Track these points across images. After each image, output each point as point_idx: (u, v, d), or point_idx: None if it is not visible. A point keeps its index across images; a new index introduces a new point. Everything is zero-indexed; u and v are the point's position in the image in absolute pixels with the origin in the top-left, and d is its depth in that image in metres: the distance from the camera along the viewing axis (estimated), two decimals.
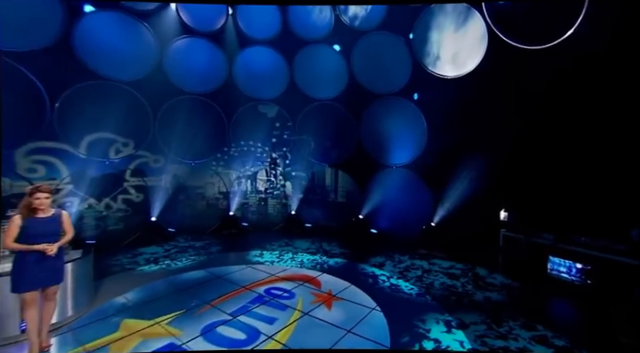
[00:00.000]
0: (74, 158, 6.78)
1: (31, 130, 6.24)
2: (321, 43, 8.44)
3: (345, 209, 8.89)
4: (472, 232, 6.68)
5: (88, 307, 4.31)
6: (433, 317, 4.28)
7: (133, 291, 4.88)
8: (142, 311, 4.27)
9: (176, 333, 3.77)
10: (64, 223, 3.49)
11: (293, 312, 4.30)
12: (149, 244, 7.36)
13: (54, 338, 3.61)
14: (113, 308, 4.38)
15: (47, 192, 3.34)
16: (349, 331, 3.88)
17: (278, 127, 9.08)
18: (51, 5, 6.14)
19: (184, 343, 3.58)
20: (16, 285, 3.20)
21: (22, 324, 3.56)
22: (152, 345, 3.53)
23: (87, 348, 3.47)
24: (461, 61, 7.27)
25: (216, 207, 8.92)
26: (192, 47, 7.88)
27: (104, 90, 6.96)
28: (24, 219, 3.24)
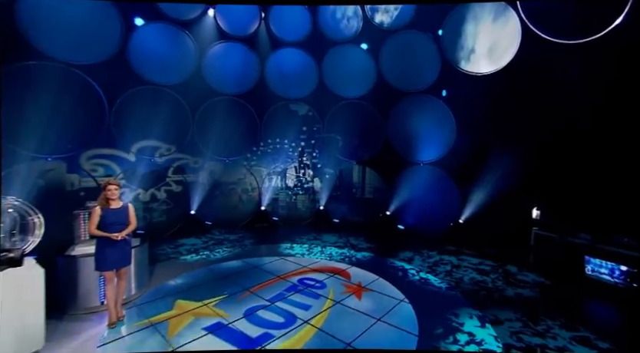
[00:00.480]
0: (125, 160, 7.55)
1: (95, 133, 7.00)
2: (350, 43, 8.64)
3: (372, 206, 9.11)
4: (502, 230, 6.68)
5: (146, 288, 4.91)
6: (466, 311, 4.40)
7: (181, 277, 5.44)
8: (191, 294, 4.78)
9: (222, 314, 4.23)
10: (129, 214, 4.04)
11: (326, 301, 4.64)
12: (188, 236, 8.00)
13: (125, 311, 4.18)
14: (167, 290, 4.94)
15: (116, 184, 3.91)
16: (379, 319, 4.16)
17: (308, 125, 9.42)
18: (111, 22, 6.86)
19: (230, 323, 4.02)
20: (98, 265, 3.80)
21: (102, 297, 4.19)
22: (203, 323, 4.00)
23: (151, 321, 4.01)
24: (493, 57, 7.21)
25: (249, 202, 9.45)
26: (228, 52, 8.38)
27: (152, 94, 7.62)
28: (102, 209, 3.80)
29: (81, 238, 4.55)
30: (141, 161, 7.78)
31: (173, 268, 5.89)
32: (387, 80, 8.48)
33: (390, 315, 4.28)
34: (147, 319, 4.08)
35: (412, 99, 8.33)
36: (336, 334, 3.80)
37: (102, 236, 3.79)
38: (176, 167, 8.47)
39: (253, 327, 3.95)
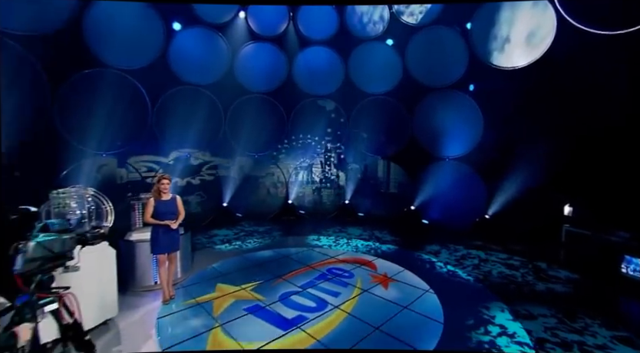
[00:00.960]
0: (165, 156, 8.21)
1: (139, 132, 7.64)
2: (376, 40, 8.74)
3: (397, 200, 9.26)
4: (530, 226, 6.65)
5: (190, 272, 5.43)
6: (497, 305, 4.49)
7: (218, 264, 5.93)
8: (229, 279, 5.24)
9: (260, 298, 4.64)
10: (178, 205, 4.51)
11: (354, 289, 4.94)
12: (220, 227, 8.54)
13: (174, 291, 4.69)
14: (207, 274, 5.44)
15: (168, 178, 4.38)
16: (405, 307, 4.40)
17: (334, 121, 9.67)
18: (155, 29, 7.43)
19: (267, 305, 4.42)
20: (152, 249, 4.31)
21: (155, 277, 4.74)
22: (243, 305, 4.43)
23: (198, 301, 4.49)
24: (525, 50, 7.09)
25: (276, 196, 9.89)
26: (258, 51, 8.75)
27: (188, 94, 8.17)
28: (155, 200, 4.29)
29: (136, 225, 5.12)
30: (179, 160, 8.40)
31: (210, 255, 6.40)
32: (413, 76, 8.53)
33: (416, 303, 4.51)
34: (194, 299, 4.57)
35: (438, 94, 8.35)
36: (365, 319, 4.10)
37: (156, 224, 4.29)
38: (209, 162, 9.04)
39: (288, 310, 4.32)
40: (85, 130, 6.71)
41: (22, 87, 5.34)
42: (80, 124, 6.63)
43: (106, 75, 6.82)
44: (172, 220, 4.36)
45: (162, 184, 4.30)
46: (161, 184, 4.30)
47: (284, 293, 4.78)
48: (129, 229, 5.08)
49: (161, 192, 4.34)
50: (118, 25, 6.67)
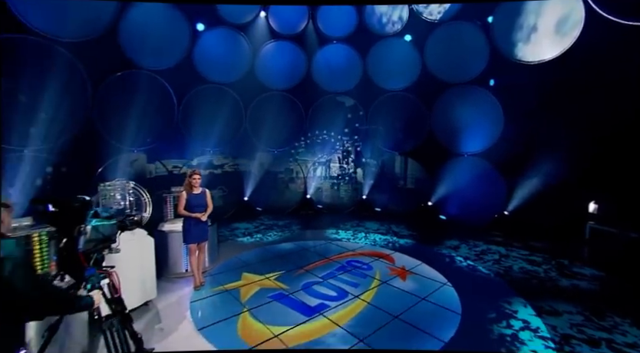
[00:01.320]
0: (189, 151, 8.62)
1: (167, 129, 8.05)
2: (395, 36, 8.78)
3: (414, 196, 9.33)
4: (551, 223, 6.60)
5: (216, 262, 5.76)
6: (518, 300, 4.52)
7: (242, 255, 6.24)
8: (253, 269, 5.54)
9: (283, 286, 4.90)
10: (207, 198, 4.81)
11: (373, 280, 5.13)
12: (241, 220, 8.88)
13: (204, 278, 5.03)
14: (233, 264, 5.76)
15: (199, 174, 4.68)
16: (423, 298, 4.55)
17: (351, 118, 9.79)
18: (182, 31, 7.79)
19: (291, 293, 4.67)
20: (185, 238, 4.64)
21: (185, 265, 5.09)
22: (267, 292, 4.70)
23: (226, 288, 4.81)
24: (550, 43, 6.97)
25: (295, 190, 10.15)
26: (279, 50, 8.97)
27: (211, 92, 8.51)
28: (187, 194, 4.61)
29: (168, 217, 5.48)
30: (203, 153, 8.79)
31: (233, 247, 6.73)
32: (431, 72, 8.53)
33: (434, 295, 4.65)
34: (222, 286, 4.89)
35: (457, 90, 8.32)
36: (384, 308, 4.28)
37: (188, 216, 4.61)
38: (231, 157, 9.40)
39: (311, 298, 4.56)
40: (119, 128, 7.16)
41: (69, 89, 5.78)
42: (115, 123, 7.07)
43: (138, 76, 7.23)
44: (201, 213, 4.67)
45: (193, 179, 4.60)
46: (193, 179, 4.61)
47: (306, 283, 5.02)
48: (161, 220, 5.45)
49: (192, 186, 4.65)
50: (149, 29, 7.04)
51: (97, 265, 2.40)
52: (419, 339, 3.64)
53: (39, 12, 5.31)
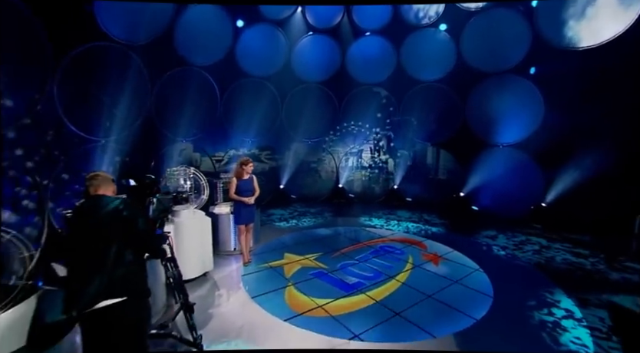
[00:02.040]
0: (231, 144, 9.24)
1: (210, 120, 8.70)
2: (431, 27, 8.74)
3: (446, 186, 9.37)
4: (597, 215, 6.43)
5: (259, 243, 6.32)
6: (561, 290, 4.54)
7: (282, 237, 6.75)
8: (294, 250, 6.02)
9: (322, 266, 5.34)
10: (255, 184, 5.31)
11: (406, 264, 5.43)
12: (276, 207, 9.42)
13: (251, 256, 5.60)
14: (275, 245, 6.28)
15: (250, 163, 5.17)
16: (455, 281, 4.80)
17: (384, 109, 9.92)
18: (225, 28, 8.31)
19: (330, 272, 5.10)
20: (236, 220, 5.19)
21: (234, 244, 5.68)
22: (309, 271, 5.16)
23: (271, 265, 5.33)
24: (600, 28, 6.68)
25: (327, 179, 10.53)
26: (314, 43, 9.27)
27: (251, 86, 9.03)
28: (238, 180, 5.13)
29: (218, 201, 6.08)
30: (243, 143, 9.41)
31: (273, 230, 7.27)
32: (467, 62, 8.43)
33: (466, 279, 4.87)
34: (267, 263, 5.42)
35: (494, 80, 8.18)
36: (417, 288, 4.59)
37: (238, 200, 5.14)
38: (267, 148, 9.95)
39: (348, 277, 4.96)
40: (170, 120, 7.88)
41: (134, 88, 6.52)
42: (168, 116, 7.79)
43: (187, 73, 7.87)
44: (249, 197, 5.18)
45: (247, 166, 5.11)
46: (247, 166, 5.11)
47: (343, 264, 5.43)
48: (212, 204, 6.07)
49: (244, 173, 5.16)
50: (198, 28, 7.62)
51: (161, 228, 2.98)
52: (451, 316, 3.93)
53: (114, 21, 6.02)
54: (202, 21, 7.68)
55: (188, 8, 7.34)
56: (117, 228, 2.14)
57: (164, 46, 7.19)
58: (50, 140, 4.91)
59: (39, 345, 2.21)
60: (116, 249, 2.10)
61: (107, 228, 2.13)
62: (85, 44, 5.54)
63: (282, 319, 3.81)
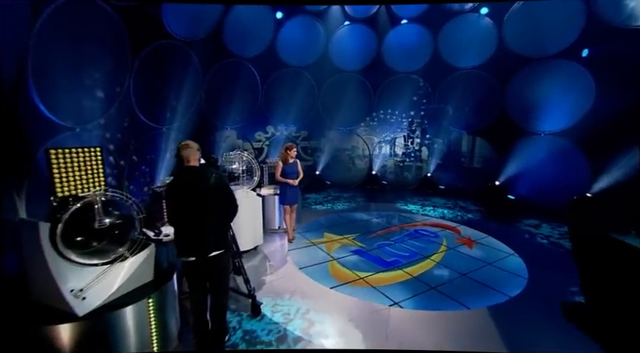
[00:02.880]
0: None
1: (252, 109, 9.29)
2: (470, 12, 8.59)
3: (481, 175, 9.34)
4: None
5: (300, 223, 6.85)
6: None
7: (320, 219, 7.24)
8: (333, 230, 6.49)
9: (361, 245, 5.77)
10: (299, 167, 5.78)
11: (440, 246, 5.71)
12: (311, 192, 9.90)
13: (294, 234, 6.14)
14: (315, 225, 6.79)
15: (294, 148, 5.64)
16: (489, 263, 5.02)
17: (419, 97, 9.96)
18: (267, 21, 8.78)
19: (368, 250, 5.51)
20: (281, 200, 5.73)
21: (280, 222, 6.26)
22: (348, 248, 5.60)
23: (313, 242, 5.85)
24: None
25: (361, 167, 10.84)
26: (351, 32, 9.46)
27: (289, 75, 9.47)
28: (283, 163, 5.62)
29: (264, 183, 6.65)
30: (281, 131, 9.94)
31: (311, 212, 7.77)
32: (509, 47, 8.22)
33: (500, 262, 5.08)
34: (309, 240, 5.93)
35: (539, 65, 7.93)
36: (452, 267, 4.88)
37: (284, 182, 5.64)
38: (304, 135, 10.42)
39: (385, 255, 5.34)
40: (216, 109, 8.55)
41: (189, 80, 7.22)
42: (214, 104, 8.45)
43: (233, 65, 8.45)
44: (293, 179, 5.66)
45: (292, 151, 5.58)
46: (291, 151, 5.59)
47: (379, 244, 5.82)
48: (257, 187, 6.64)
49: (288, 157, 5.64)
50: (244, 22, 8.12)
51: None
52: (485, 293, 4.20)
53: (176, 21, 6.66)
54: (247, 16, 8.16)
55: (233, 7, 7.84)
56: (219, 196, 2.74)
57: (214, 41, 7.77)
58: (125, 127, 5.67)
59: (160, 279, 2.90)
60: (218, 213, 2.71)
61: (212, 196, 2.74)
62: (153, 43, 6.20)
63: (328, 287, 4.30)
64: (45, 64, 3.89)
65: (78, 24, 4.34)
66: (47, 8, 3.94)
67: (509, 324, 3.55)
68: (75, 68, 4.51)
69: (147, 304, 2.76)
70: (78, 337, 2.40)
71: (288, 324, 3.54)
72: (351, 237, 6.13)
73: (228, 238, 2.99)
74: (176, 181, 2.88)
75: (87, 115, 4.84)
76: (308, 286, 4.34)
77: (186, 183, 2.80)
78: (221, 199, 2.78)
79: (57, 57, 4.07)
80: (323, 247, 5.68)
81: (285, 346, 3.17)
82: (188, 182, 2.79)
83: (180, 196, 2.79)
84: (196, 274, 2.90)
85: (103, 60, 4.99)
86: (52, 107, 4.12)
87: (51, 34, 3.97)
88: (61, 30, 4.07)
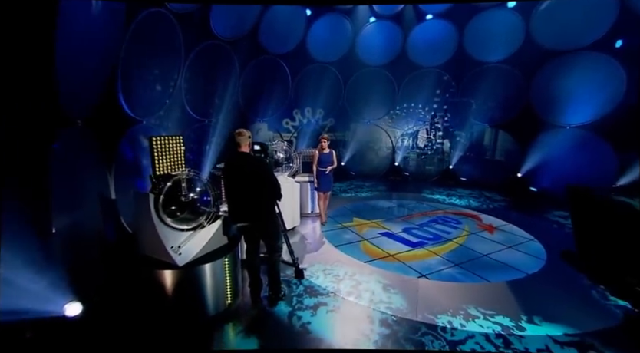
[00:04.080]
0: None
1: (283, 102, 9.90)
2: (497, 7, 8.77)
3: (503, 167, 9.58)
4: None
5: (330, 209, 7.42)
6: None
7: (348, 206, 7.79)
8: (361, 215, 7.04)
9: (388, 227, 6.29)
10: (333, 157, 6.34)
11: (462, 231, 6.15)
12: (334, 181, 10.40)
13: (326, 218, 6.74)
14: (344, 211, 7.36)
15: (328, 139, 6.19)
16: (509, 247, 5.44)
17: (443, 90, 10.25)
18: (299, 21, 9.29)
19: (396, 233, 6.03)
20: (316, 187, 6.32)
21: (313, 207, 6.87)
22: (377, 231, 6.14)
23: (344, 225, 6.43)
24: None
25: (384, 158, 11.28)
26: (378, 29, 9.84)
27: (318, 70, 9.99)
28: (319, 153, 6.19)
29: (298, 171, 7.27)
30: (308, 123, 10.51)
31: (339, 200, 8.33)
32: (536, 41, 8.36)
33: (520, 246, 5.48)
34: (340, 224, 6.52)
35: (566, 58, 8.05)
36: (474, 249, 5.34)
37: (318, 170, 6.22)
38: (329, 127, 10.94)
39: (411, 237, 5.85)
40: (250, 103, 9.20)
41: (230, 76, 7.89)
42: (250, 99, 9.12)
43: (266, 61, 9.06)
44: (327, 167, 6.23)
45: (324, 141, 6.14)
46: (323, 142, 6.15)
47: (405, 227, 6.32)
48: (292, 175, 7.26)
49: (323, 147, 6.20)
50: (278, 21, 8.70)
51: None
52: (504, 270, 4.65)
53: (220, 22, 7.33)
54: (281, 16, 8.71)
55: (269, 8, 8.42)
56: (261, 177, 3.36)
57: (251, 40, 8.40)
58: (176, 118, 6.41)
59: (231, 244, 3.63)
60: (262, 190, 3.38)
61: (256, 177, 3.36)
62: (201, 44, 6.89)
63: (362, 261, 4.87)
64: (128, 66, 4.60)
65: (150, 30, 5.03)
66: (137, 17, 4.66)
67: (526, 294, 4.01)
68: (144, 68, 5.23)
69: (224, 262, 3.43)
70: (177, 280, 3.11)
71: (340, 282, 4.24)
72: (378, 221, 6.67)
73: (274, 209, 3.62)
74: (228, 163, 3.54)
75: (153, 108, 5.58)
76: (344, 259, 4.93)
77: (236, 165, 3.44)
78: (263, 180, 3.39)
79: (135, 59, 4.78)
80: (354, 229, 6.25)
81: (337, 299, 3.78)
82: (238, 164, 3.43)
83: (232, 175, 3.45)
84: (249, 237, 3.61)
85: (164, 59, 5.70)
86: (129, 102, 4.85)
87: (136, 40, 4.68)
88: (142, 36, 4.78)
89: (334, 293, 3.99)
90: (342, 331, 3.32)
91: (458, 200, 8.16)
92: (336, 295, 3.96)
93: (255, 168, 3.39)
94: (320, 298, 3.88)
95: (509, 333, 3.32)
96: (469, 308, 3.73)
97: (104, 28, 4.09)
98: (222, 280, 3.44)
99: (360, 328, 3.37)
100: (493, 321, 3.50)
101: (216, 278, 3.37)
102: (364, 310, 3.68)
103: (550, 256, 5.10)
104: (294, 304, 3.75)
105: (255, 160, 3.52)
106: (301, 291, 4.03)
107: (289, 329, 3.32)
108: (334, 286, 4.15)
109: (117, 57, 4.47)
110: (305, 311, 3.63)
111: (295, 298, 3.85)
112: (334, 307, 3.72)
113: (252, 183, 3.36)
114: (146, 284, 3.13)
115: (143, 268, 3.14)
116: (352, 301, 3.84)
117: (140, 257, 3.30)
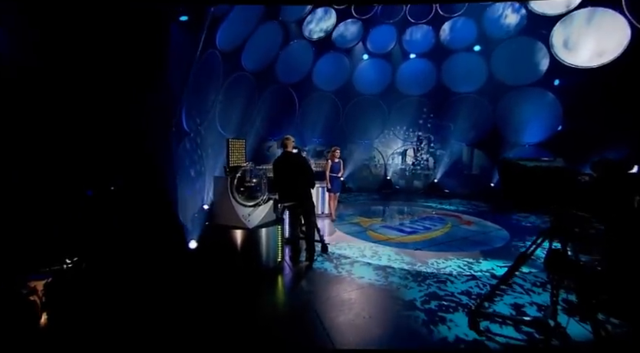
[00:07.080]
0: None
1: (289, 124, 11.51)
2: (466, 51, 10.96)
3: (479, 179, 11.33)
4: None
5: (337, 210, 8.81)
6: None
7: (349, 209, 9.19)
8: (363, 215, 8.44)
9: (387, 223, 7.70)
10: (341, 165, 7.83)
11: (446, 224, 7.63)
12: None
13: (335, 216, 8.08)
14: (348, 212, 8.74)
15: (338, 150, 7.71)
16: (483, 233, 6.94)
17: (426, 115, 12.16)
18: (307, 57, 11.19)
19: (394, 226, 7.43)
20: (329, 190, 7.74)
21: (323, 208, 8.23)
22: (377, 225, 7.52)
23: (350, 222, 7.79)
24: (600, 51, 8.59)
25: (377, 174, 12.88)
26: (371, 65, 11.83)
27: (320, 98, 11.76)
28: (331, 162, 7.68)
29: None
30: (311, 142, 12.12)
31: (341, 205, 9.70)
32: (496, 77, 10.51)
33: (491, 233, 6.99)
34: (347, 221, 7.88)
35: (519, 91, 10.16)
36: (457, 234, 6.80)
37: (330, 176, 7.67)
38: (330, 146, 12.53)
39: (405, 228, 7.27)
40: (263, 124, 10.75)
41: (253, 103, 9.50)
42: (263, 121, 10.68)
43: (279, 89, 10.76)
44: (338, 173, 7.69)
45: (336, 153, 7.66)
46: (335, 153, 7.66)
47: (400, 223, 7.77)
48: None
49: (334, 157, 7.70)
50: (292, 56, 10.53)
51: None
52: (478, 246, 6.09)
53: (248, 58, 9.06)
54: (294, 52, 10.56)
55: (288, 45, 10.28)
56: (303, 169, 4.78)
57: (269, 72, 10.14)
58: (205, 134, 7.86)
59: (278, 218, 4.96)
60: (302, 177, 4.76)
61: (299, 168, 4.78)
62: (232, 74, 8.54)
63: (371, 243, 6.22)
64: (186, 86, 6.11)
65: (203, 63, 6.62)
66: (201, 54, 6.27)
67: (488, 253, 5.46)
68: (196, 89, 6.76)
69: (277, 229, 4.74)
70: (247, 238, 4.41)
71: (362, 251, 5.62)
72: (378, 219, 8.09)
73: (310, 193, 5.03)
74: (278, 159, 4.98)
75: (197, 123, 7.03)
76: (358, 242, 6.27)
77: (284, 160, 4.89)
78: (305, 171, 4.85)
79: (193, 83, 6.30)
80: (359, 224, 7.62)
81: (365, 259, 5.07)
82: (286, 160, 4.87)
83: (281, 168, 4.87)
84: (293, 213, 5.04)
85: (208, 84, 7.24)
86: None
87: (199, 70, 6.24)
88: (202, 68, 6.34)
89: (361, 257, 5.33)
90: (376, 272, 4.68)
91: (448, 206, 9.70)
92: (364, 255, 5.35)
93: (299, 162, 4.82)
94: (353, 259, 5.22)
95: (470, 263, 4.87)
96: (449, 257, 5.21)
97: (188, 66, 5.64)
98: (275, 242, 4.73)
99: (387, 270, 4.78)
100: (462, 260, 5.11)
101: (271, 241, 4.66)
102: (387, 263, 5.07)
103: (511, 238, 6.61)
104: (334, 263, 5.04)
105: (299, 156, 4.97)
106: (337, 255, 5.38)
107: (336, 277, 4.58)
108: (359, 253, 5.50)
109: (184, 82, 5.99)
110: (345, 265, 4.95)
111: (334, 260, 5.16)
112: (365, 263, 5.07)
113: (296, 173, 4.78)
114: (228, 240, 4.40)
115: (228, 228, 4.44)
116: (375, 261, 5.16)
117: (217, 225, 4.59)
